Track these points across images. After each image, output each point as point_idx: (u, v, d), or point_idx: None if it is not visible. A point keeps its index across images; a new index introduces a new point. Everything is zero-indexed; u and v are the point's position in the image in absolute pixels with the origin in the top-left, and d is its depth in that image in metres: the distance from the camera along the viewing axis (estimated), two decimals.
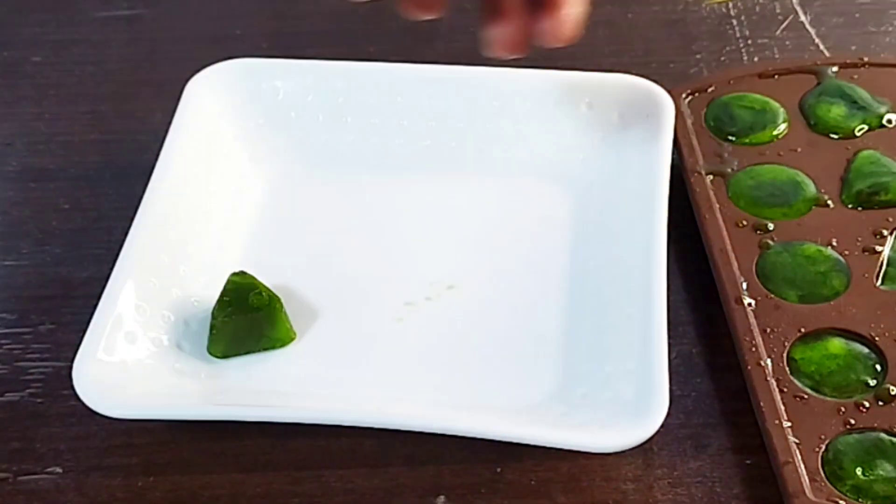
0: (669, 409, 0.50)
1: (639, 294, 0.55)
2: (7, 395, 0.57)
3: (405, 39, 0.77)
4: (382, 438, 0.53)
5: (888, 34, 0.76)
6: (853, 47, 0.74)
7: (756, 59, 0.74)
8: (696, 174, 0.61)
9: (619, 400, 0.52)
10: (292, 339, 0.57)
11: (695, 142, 0.63)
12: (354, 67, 0.66)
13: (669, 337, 0.52)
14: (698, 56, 0.75)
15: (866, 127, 0.64)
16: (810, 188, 0.61)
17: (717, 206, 0.60)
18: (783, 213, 0.60)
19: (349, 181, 0.65)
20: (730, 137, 0.64)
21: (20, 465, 0.54)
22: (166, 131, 0.63)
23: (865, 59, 0.68)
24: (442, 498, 0.53)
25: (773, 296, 0.56)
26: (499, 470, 0.53)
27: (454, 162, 0.66)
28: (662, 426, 0.49)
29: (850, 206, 0.60)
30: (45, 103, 0.73)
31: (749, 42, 0.75)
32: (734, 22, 0.77)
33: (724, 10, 0.78)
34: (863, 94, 0.65)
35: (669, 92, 0.63)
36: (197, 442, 0.55)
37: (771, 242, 0.58)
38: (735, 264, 0.57)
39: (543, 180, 0.65)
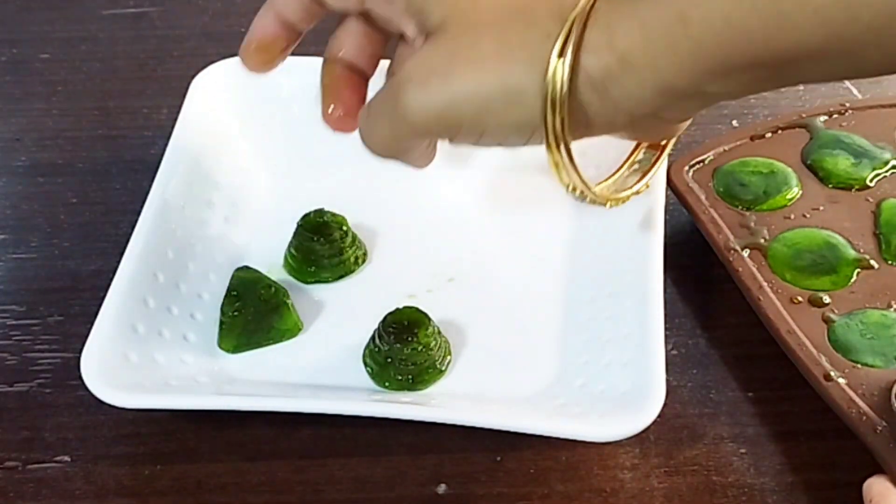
0: (666, 399, 0.50)
1: (636, 286, 0.55)
2: (16, 385, 0.58)
3: None
4: (385, 428, 0.53)
5: None
6: None
7: None
8: (732, 251, 0.59)
9: (616, 390, 0.53)
10: (300, 330, 0.58)
11: (716, 216, 0.60)
12: None
13: (666, 329, 0.53)
14: None
15: (877, 174, 0.62)
16: (848, 250, 0.59)
17: (766, 283, 0.57)
18: (832, 281, 0.58)
19: (351, 176, 0.66)
20: (748, 206, 0.61)
21: (29, 453, 0.55)
22: (172, 127, 0.63)
23: (847, 104, 0.66)
24: (443, 486, 0.53)
25: (860, 365, 0.54)
26: (498, 459, 0.54)
27: (455, 157, 0.66)
28: (659, 416, 0.50)
29: (892, 262, 0.59)
30: (54, 100, 0.74)
31: None
32: None
33: None
34: (861, 141, 0.64)
35: (671, 166, 0.61)
36: (203, 431, 0.55)
37: (833, 316, 0.56)
38: (808, 342, 0.54)
39: (542, 175, 0.65)
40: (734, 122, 0.70)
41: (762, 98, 0.72)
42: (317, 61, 0.67)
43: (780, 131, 0.65)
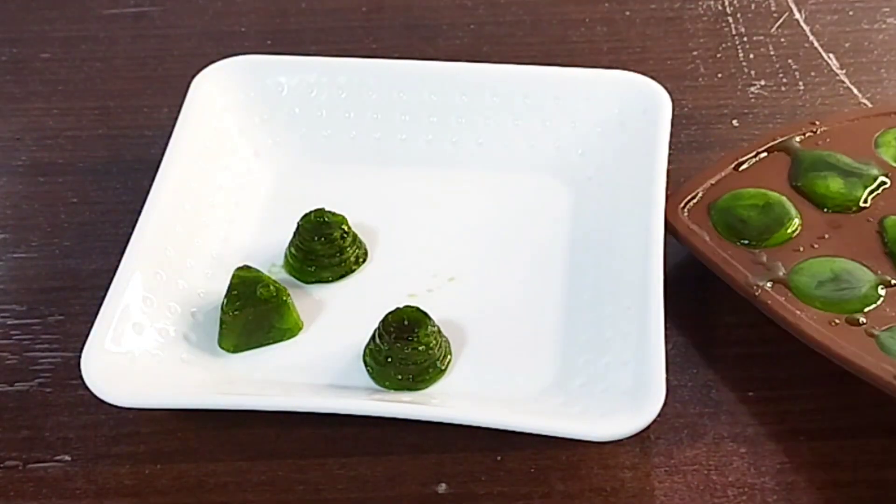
0: (666, 398, 0.50)
1: (636, 285, 0.55)
2: (17, 384, 0.58)
3: (407, 36, 0.77)
4: (385, 427, 0.53)
5: (881, 31, 0.76)
6: (847, 44, 0.75)
7: (752, 56, 0.75)
8: (755, 287, 0.56)
9: (617, 390, 0.53)
10: (300, 329, 0.58)
11: (727, 256, 0.58)
12: (357, 64, 0.67)
13: (666, 328, 0.53)
14: (695, 53, 0.75)
15: (869, 192, 0.61)
16: (866, 273, 0.57)
17: (799, 312, 0.55)
18: (861, 303, 0.56)
19: (352, 175, 0.66)
20: (754, 244, 0.59)
21: (30, 453, 0.55)
22: (173, 126, 0.63)
23: (817, 122, 0.65)
24: (443, 485, 0.53)
25: None
26: (499, 458, 0.54)
27: (455, 157, 0.66)
28: (659, 415, 0.50)
29: None
30: (54, 99, 0.74)
31: (745, 39, 0.76)
32: (730, 19, 0.78)
33: (720, 7, 0.79)
34: (844, 159, 0.62)
35: (668, 199, 0.60)
36: (203, 430, 0.55)
37: (875, 332, 0.54)
38: (862, 352, 0.53)
39: (543, 174, 0.65)
40: (734, 122, 0.70)
41: (762, 98, 0.72)
42: (317, 62, 0.68)
43: (759, 156, 0.63)
